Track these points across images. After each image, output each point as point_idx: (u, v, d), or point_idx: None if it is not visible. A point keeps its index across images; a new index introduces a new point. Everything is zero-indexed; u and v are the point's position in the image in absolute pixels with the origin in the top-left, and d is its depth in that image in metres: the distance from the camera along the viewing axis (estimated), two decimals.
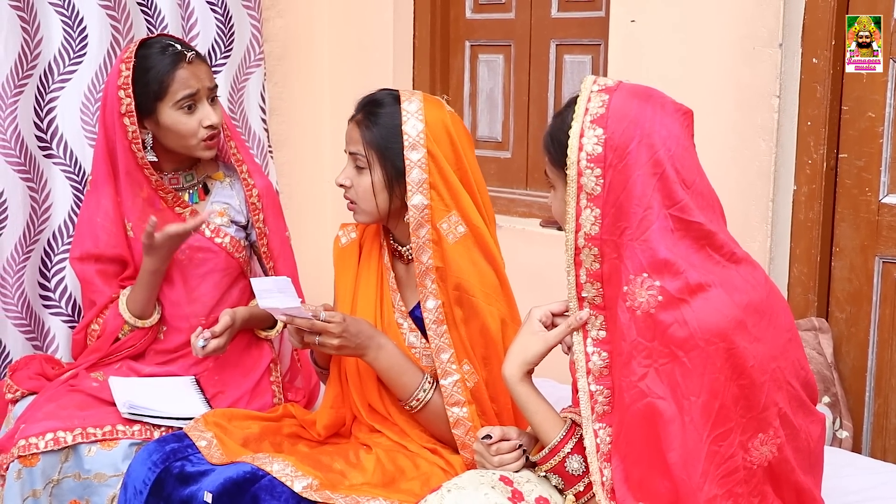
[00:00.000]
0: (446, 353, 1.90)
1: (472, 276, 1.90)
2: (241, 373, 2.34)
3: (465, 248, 1.90)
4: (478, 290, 1.90)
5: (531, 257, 2.99)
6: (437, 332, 1.90)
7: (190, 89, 2.21)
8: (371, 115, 1.91)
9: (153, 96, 2.20)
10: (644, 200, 1.45)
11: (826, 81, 2.43)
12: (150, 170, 2.26)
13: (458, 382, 1.89)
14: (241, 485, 1.79)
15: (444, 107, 1.94)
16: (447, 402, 1.90)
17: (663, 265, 1.45)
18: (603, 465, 1.54)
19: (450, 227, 1.90)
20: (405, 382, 1.93)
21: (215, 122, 2.23)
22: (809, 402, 1.55)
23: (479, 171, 1.98)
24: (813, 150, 2.46)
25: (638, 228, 1.46)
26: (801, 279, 2.52)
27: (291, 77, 3.49)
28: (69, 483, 2.07)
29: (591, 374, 1.55)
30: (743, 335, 1.44)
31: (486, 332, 1.91)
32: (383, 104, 1.92)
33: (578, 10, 3.09)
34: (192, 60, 2.22)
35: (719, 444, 1.44)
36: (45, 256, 2.69)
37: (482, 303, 1.90)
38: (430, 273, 1.89)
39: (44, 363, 2.42)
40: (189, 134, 2.23)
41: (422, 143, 1.87)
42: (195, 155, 2.28)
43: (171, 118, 2.22)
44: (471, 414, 1.89)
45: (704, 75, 2.59)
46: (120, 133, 2.23)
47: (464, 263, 1.89)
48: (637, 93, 1.51)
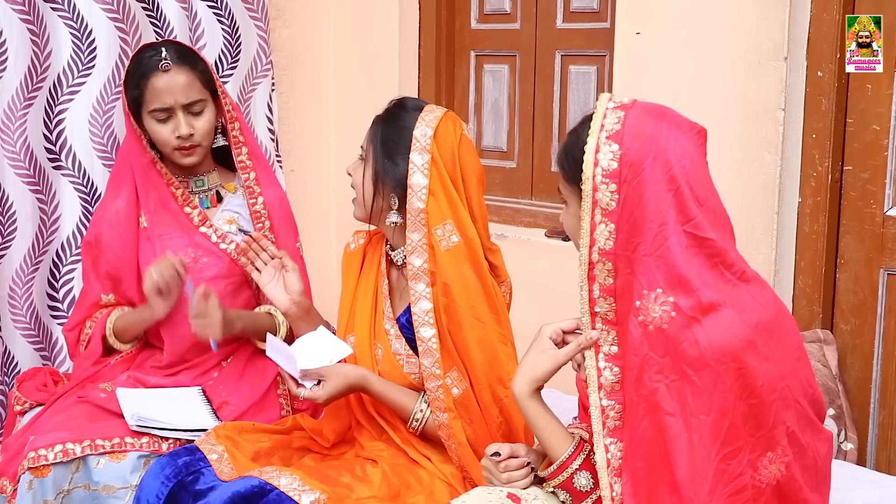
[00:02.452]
0: (432, 357, 1.92)
1: (459, 286, 1.91)
2: (248, 385, 2.34)
3: (456, 257, 1.92)
4: (462, 300, 1.91)
5: (536, 267, 2.99)
6: (425, 335, 1.92)
7: (160, 103, 2.23)
8: (389, 114, 1.98)
9: (133, 101, 2.26)
10: (659, 216, 1.46)
11: (831, 94, 2.43)
12: (161, 164, 2.29)
13: (440, 388, 1.91)
14: (248, 499, 1.80)
15: (461, 127, 1.98)
16: (432, 407, 1.93)
17: (678, 281, 1.46)
18: (613, 479, 1.54)
19: (443, 234, 1.92)
20: (399, 408, 1.99)
21: (184, 134, 2.25)
22: (817, 420, 1.55)
23: (481, 203, 2.00)
24: (818, 162, 2.46)
25: (653, 244, 1.46)
26: (805, 291, 2.52)
27: (297, 87, 3.51)
28: (79, 494, 2.07)
29: (603, 389, 1.55)
30: (753, 355, 1.45)
31: (465, 343, 1.92)
32: (406, 108, 1.98)
33: (584, 21, 3.09)
34: (168, 69, 2.23)
35: (727, 463, 1.45)
36: (54, 267, 2.70)
37: (464, 314, 1.91)
38: (422, 276, 1.92)
39: (48, 376, 2.43)
40: (162, 142, 2.27)
41: (428, 148, 1.91)
42: (174, 161, 2.31)
43: (148, 124, 2.27)
44: (450, 420, 1.91)
45: (709, 88, 2.59)
46: (129, 129, 2.28)
47: (452, 272, 1.91)
48: (652, 111, 1.52)
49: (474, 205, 1.97)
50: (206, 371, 2.37)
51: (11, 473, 2.10)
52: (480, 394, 1.92)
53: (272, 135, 3.20)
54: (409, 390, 1.99)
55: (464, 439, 1.92)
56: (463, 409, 1.92)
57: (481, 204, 1.99)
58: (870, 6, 2.40)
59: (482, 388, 1.92)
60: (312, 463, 2.00)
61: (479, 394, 1.92)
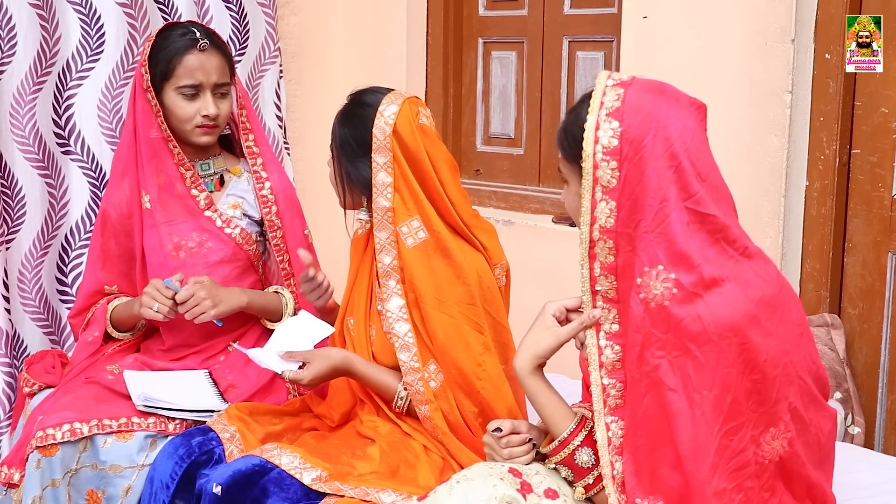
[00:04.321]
0: (409, 351, 1.94)
1: (426, 283, 1.93)
2: (255, 369, 2.33)
3: (424, 253, 1.93)
4: (430, 296, 1.92)
5: (543, 254, 3.00)
6: (401, 330, 1.95)
7: (192, 80, 2.25)
8: (347, 114, 1.98)
9: (160, 76, 2.25)
10: (660, 193, 1.46)
11: (839, 77, 2.42)
12: (174, 142, 2.29)
13: (419, 381, 1.93)
14: (250, 477, 1.81)
15: (420, 115, 1.96)
16: (414, 401, 1.95)
17: (679, 258, 1.45)
18: (614, 458, 1.54)
19: (409, 231, 1.93)
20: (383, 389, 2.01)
21: (212, 114, 2.26)
22: (821, 397, 1.55)
23: (456, 187, 1.99)
24: (825, 145, 2.45)
25: (654, 221, 1.46)
26: (813, 275, 2.51)
27: (306, 74, 3.51)
28: (87, 473, 2.09)
29: (604, 368, 1.55)
30: (756, 330, 1.44)
31: (435, 336, 1.93)
32: (363, 104, 1.97)
33: (591, 6, 3.09)
34: (205, 49, 2.25)
35: (730, 439, 1.45)
36: (63, 252, 2.72)
37: (431, 309, 1.92)
38: (392, 273, 1.94)
39: (57, 358, 2.45)
40: (185, 119, 2.27)
41: (388, 146, 1.92)
42: (191, 140, 2.31)
43: (171, 100, 2.27)
44: (431, 411, 1.93)
45: (717, 71, 2.58)
46: (145, 107, 2.27)
47: (419, 268, 1.93)
48: (652, 87, 1.52)
49: (451, 191, 1.97)
50: (212, 355, 2.38)
51: (19, 460, 2.11)
52: (452, 385, 1.94)
53: (280, 122, 3.21)
54: (392, 371, 2.00)
55: (447, 429, 1.94)
56: (443, 399, 1.94)
57: (458, 188, 2.00)
58: None
59: (453, 380, 1.93)
60: (313, 441, 2.01)
61: (451, 386, 1.94)
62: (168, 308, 2.19)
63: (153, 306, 2.19)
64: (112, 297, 2.38)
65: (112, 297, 2.38)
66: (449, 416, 1.94)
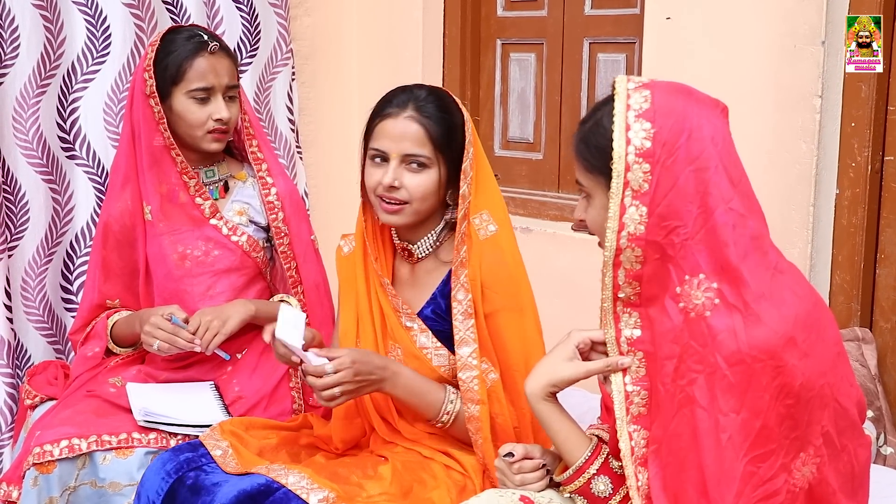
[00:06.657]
0: (469, 346, 1.87)
1: (496, 276, 1.88)
2: (260, 377, 2.30)
3: (496, 246, 1.89)
4: (500, 289, 1.88)
5: (562, 261, 2.95)
6: (464, 325, 1.88)
7: (205, 83, 2.20)
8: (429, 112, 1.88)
9: (169, 80, 2.20)
10: (697, 198, 1.40)
11: (871, 80, 2.34)
12: (178, 150, 2.23)
13: (475, 378, 1.86)
14: (255, 497, 1.75)
15: None
16: (464, 399, 1.87)
17: (721, 266, 1.40)
18: (638, 469, 1.48)
19: (481, 224, 1.89)
20: (430, 402, 1.90)
21: (224, 118, 2.22)
22: (858, 423, 1.48)
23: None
24: (857, 152, 2.38)
25: (693, 227, 1.40)
26: (843, 287, 2.44)
27: (320, 76, 3.47)
28: (86, 490, 2.04)
29: (628, 374, 1.49)
30: (792, 352, 1.38)
31: (499, 334, 1.88)
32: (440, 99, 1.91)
33: (612, 7, 3.03)
34: (215, 52, 2.21)
35: (758, 466, 1.38)
36: (68, 259, 2.68)
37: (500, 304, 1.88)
38: (464, 266, 1.88)
39: (60, 370, 2.42)
40: (197, 124, 2.22)
41: (470, 140, 1.90)
42: (201, 146, 2.25)
43: (182, 105, 2.21)
44: (480, 412, 1.86)
45: (743, 74, 2.52)
46: (147, 114, 2.21)
47: (491, 261, 1.88)
48: (677, 88, 1.47)
49: None
50: (218, 365, 2.32)
51: (17, 477, 2.06)
52: (513, 384, 1.87)
53: (292, 125, 3.17)
54: (436, 383, 1.92)
55: (489, 434, 1.87)
56: (494, 399, 1.88)
57: None
58: None
59: (515, 378, 1.87)
60: (323, 461, 1.95)
61: (511, 384, 1.88)
62: (168, 346, 2.14)
63: (153, 345, 2.15)
64: (112, 312, 2.34)
65: (112, 312, 2.34)
66: (497, 419, 1.88)
